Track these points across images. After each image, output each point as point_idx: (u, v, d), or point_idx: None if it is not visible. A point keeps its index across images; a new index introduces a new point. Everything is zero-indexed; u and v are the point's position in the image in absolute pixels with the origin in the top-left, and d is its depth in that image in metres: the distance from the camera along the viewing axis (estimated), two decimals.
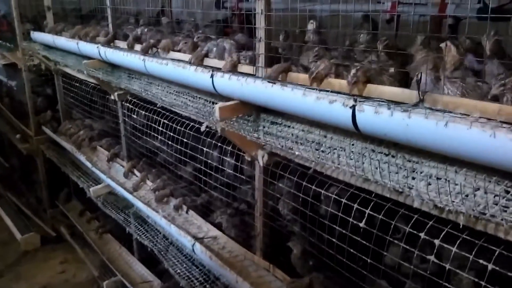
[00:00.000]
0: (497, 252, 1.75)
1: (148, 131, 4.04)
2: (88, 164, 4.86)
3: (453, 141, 1.52)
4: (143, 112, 4.02)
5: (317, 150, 2.27)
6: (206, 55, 2.96)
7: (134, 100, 4.15)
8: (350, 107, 1.87)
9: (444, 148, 1.59)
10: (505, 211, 1.58)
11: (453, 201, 1.69)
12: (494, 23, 2.47)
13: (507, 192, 1.61)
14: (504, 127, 1.44)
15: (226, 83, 2.59)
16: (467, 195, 1.68)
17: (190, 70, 2.86)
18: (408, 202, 1.93)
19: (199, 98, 3.15)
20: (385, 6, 3.80)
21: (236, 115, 2.71)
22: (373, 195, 2.19)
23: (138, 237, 4.07)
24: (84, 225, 5.92)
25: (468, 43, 2.50)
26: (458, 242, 1.86)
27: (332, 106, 1.96)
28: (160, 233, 3.98)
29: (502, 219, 1.56)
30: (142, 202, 3.86)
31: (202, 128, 2.77)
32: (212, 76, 2.68)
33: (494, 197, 1.62)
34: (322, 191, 2.49)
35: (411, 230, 2.02)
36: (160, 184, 3.95)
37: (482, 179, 1.67)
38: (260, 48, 2.57)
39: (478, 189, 1.68)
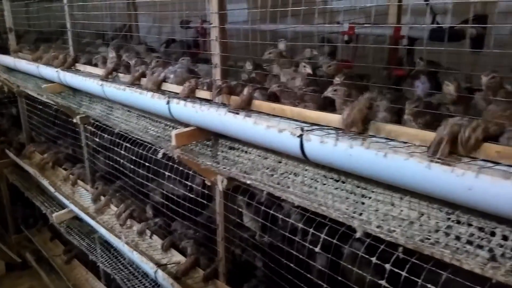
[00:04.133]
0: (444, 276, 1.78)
1: (112, 154, 3.98)
2: (51, 189, 4.75)
3: (392, 171, 1.56)
4: (106, 135, 3.96)
5: (272, 175, 2.28)
6: (164, 80, 2.96)
7: (97, 123, 4.09)
8: (298, 136, 1.89)
9: (384, 177, 1.62)
10: (447, 236, 1.62)
11: (400, 226, 1.72)
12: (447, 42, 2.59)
13: (448, 218, 1.64)
14: (440, 158, 1.48)
15: (182, 109, 2.58)
16: (412, 222, 1.71)
17: (147, 96, 2.84)
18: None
19: (160, 122, 3.13)
20: (343, 28, 3.88)
21: (194, 141, 2.71)
22: (327, 219, 2.21)
23: (101, 265, 3.97)
24: (50, 251, 5.76)
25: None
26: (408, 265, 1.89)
27: (281, 135, 1.98)
28: (125, 259, 3.90)
29: (445, 245, 1.59)
30: (105, 228, 3.78)
31: (159, 155, 2.75)
32: (168, 102, 2.67)
33: (437, 223, 1.66)
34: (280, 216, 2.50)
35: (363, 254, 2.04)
36: (123, 208, 3.89)
37: (425, 205, 1.71)
38: (216, 74, 2.59)
39: (423, 215, 1.72)
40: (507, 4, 2.95)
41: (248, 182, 2.26)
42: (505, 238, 1.50)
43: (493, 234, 1.54)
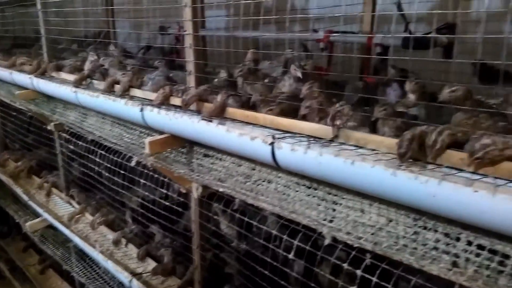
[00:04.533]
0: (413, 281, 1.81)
1: (87, 162, 3.92)
2: (25, 197, 4.65)
3: (359, 178, 1.58)
4: (81, 142, 3.89)
5: (245, 183, 2.28)
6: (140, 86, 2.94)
7: (72, 130, 4.02)
8: (269, 144, 1.90)
9: (352, 184, 1.65)
10: (414, 242, 1.65)
11: (368, 232, 1.74)
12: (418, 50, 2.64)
13: (415, 224, 1.67)
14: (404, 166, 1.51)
15: (156, 117, 2.57)
16: (380, 228, 1.74)
17: (120, 102, 2.82)
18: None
19: (135, 129, 3.10)
20: (320, 35, 3.92)
21: (169, 148, 2.69)
22: (301, 225, 2.22)
23: (75, 274, 3.90)
24: (24, 260, 5.62)
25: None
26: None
27: (253, 143, 1.98)
28: (100, 268, 3.83)
29: (412, 250, 1.62)
30: (79, 237, 3.72)
31: (132, 163, 2.73)
32: (142, 109, 2.65)
33: (404, 229, 1.69)
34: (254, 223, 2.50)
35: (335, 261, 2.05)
36: (99, 216, 3.83)
37: (393, 212, 1.73)
38: (191, 81, 2.58)
39: (391, 221, 1.75)
40: (477, 13, 3.03)
41: (221, 189, 2.25)
42: (469, 243, 1.54)
43: (458, 239, 1.58)
